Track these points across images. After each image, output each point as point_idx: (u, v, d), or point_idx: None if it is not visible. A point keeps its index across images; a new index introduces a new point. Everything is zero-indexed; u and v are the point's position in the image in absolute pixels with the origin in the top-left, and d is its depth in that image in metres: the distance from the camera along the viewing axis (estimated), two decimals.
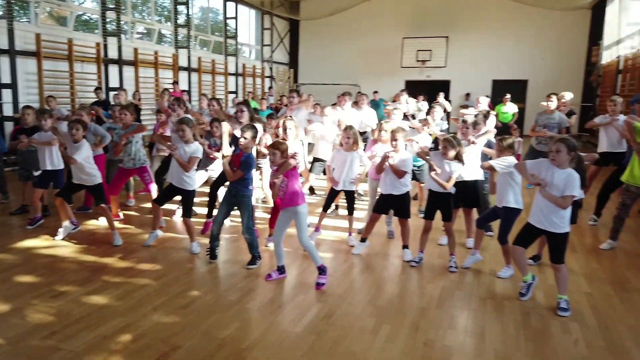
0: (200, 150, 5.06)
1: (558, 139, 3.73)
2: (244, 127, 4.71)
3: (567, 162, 3.68)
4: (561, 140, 3.70)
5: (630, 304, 3.95)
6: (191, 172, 5.00)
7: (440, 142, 4.79)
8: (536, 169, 3.78)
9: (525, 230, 3.94)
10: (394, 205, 4.97)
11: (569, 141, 3.67)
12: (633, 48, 13.10)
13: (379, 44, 20.36)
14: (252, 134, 4.58)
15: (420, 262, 4.79)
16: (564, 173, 3.67)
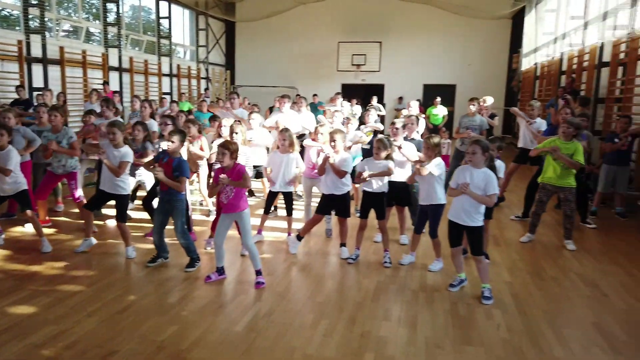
0: (131, 154, 4.93)
1: (473, 141, 4.04)
2: (170, 132, 4.68)
3: (482, 162, 3.99)
4: (475, 142, 4.01)
5: (546, 291, 4.32)
6: (124, 177, 4.88)
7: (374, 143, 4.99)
8: (461, 178, 4.06)
9: (451, 229, 4.21)
10: (336, 205, 5.10)
11: (482, 142, 4.00)
12: (548, 56, 14.16)
13: (316, 47, 20.63)
14: (180, 138, 4.56)
15: (357, 259, 4.97)
16: (481, 173, 3.98)
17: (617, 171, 6.76)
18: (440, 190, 4.64)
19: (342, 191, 5.00)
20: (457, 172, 4.16)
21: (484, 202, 3.98)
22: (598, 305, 4.01)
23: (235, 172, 4.24)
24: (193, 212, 5.98)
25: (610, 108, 8.97)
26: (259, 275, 4.32)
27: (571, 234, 5.59)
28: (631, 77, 8.24)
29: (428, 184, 4.63)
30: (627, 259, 5.20)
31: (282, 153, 5.36)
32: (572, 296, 4.21)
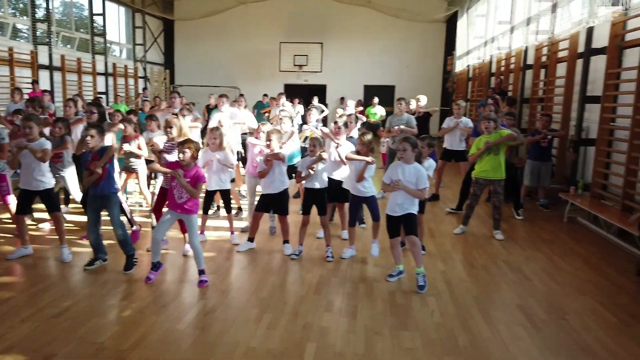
0: (49, 144, 4.77)
1: (402, 139, 4.28)
2: (88, 126, 4.59)
3: (412, 158, 4.23)
4: (405, 139, 4.25)
5: (476, 277, 4.62)
6: (44, 169, 4.73)
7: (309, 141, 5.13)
8: (393, 175, 4.26)
9: (390, 224, 4.41)
10: (273, 204, 5.19)
11: (411, 140, 4.24)
12: (479, 58, 14.92)
13: (257, 47, 20.58)
14: (97, 132, 4.47)
15: (300, 254, 5.07)
16: (412, 168, 4.22)
17: (540, 166, 7.28)
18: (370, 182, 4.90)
19: (279, 189, 5.08)
20: (390, 168, 4.37)
21: (417, 195, 4.21)
22: (522, 289, 4.34)
23: (193, 176, 4.25)
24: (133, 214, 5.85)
25: (534, 107, 9.61)
26: (202, 274, 4.32)
27: (499, 225, 5.98)
28: (552, 79, 8.88)
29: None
30: (549, 246, 5.63)
31: (212, 151, 5.36)
32: (499, 281, 4.53)
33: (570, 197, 6.89)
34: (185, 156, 4.19)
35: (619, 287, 4.40)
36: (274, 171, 5.04)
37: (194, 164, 4.29)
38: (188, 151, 4.20)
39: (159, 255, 4.38)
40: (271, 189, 5.08)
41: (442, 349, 3.27)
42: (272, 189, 5.08)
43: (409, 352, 3.22)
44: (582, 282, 4.51)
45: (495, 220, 5.99)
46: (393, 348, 3.27)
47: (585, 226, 6.49)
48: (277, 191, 5.09)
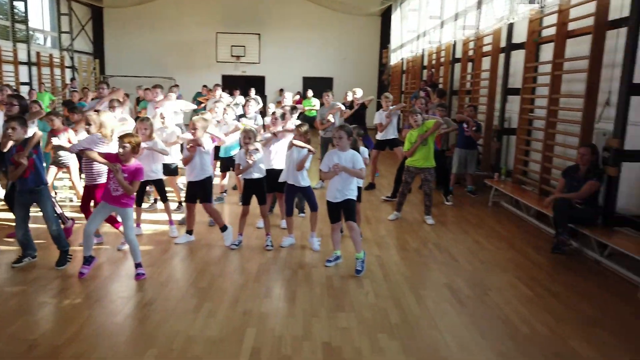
0: None
1: (338, 127, 4.44)
2: (9, 119, 4.41)
3: (348, 146, 4.40)
4: (340, 127, 4.41)
5: (408, 260, 4.87)
6: None
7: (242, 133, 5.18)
8: (330, 162, 4.41)
9: (330, 210, 4.56)
10: (198, 192, 5.17)
11: (346, 128, 4.41)
12: (412, 52, 15.43)
13: (193, 37, 20.12)
14: (19, 123, 4.27)
15: (240, 244, 5.12)
16: (348, 154, 4.38)
17: (467, 154, 7.72)
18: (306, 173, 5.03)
19: (200, 177, 5.08)
20: (326, 157, 4.51)
21: (357, 174, 4.40)
22: (449, 269, 4.64)
23: (132, 172, 4.16)
24: (63, 209, 5.65)
25: (462, 99, 10.13)
26: (139, 267, 4.27)
27: (430, 211, 6.31)
28: (478, 72, 9.39)
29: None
30: (475, 229, 6.02)
31: (143, 142, 5.27)
32: (429, 262, 4.81)
33: (495, 183, 7.37)
34: (125, 150, 4.10)
35: (536, 264, 4.81)
36: (195, 158, 5.03)
37: (133, 158, 4.21)
38: (128, 145, 4.11)
39: (91, 249, 4.29)
40: (193, 177, 5.08)
41: (376, 327, 3.46)
42: (194, 177, 5.07)
43: (345, 331, 3.38)
44: (504, 261, 4.88)
45: (426, 207, 6.32)
46: (330, 328, 3.42)
47: (508, 210, 6.97)
48: (199, 179, 5.08)
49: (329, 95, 8.11)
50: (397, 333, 3.38)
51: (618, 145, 4.86)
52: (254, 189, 5.11)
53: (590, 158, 5.02)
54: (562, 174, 5.38)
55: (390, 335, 3.35)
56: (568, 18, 6.16)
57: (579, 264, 4.84)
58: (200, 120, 5.13)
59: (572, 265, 4.79)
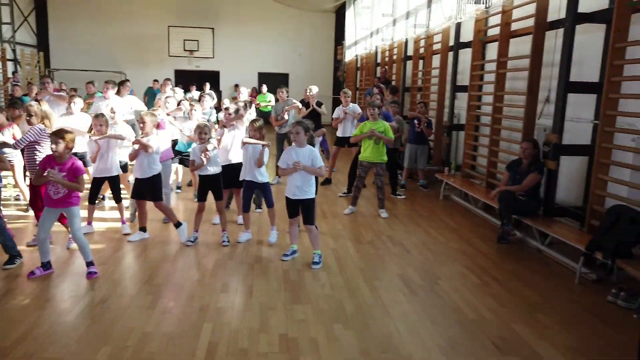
0: None
1: (295, 123, 4.49)
2: None
3: (305, 141, 4.46)
4: (297, 123, 4.47)
5: (362, 252, 5.00)
6: None
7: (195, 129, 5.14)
8: (289, 158, 4.46)
9: (289, 205, 4.61)
10: (146, 190, 5.08)
11: (303, 124, 4.46)
12: (366, 49, 15.67)
13: (144, 30, 19.59)
14: None
15: (196, 240, 5.09)
16: (306, 150, 4.44)
17: (417, 149, 7.97)
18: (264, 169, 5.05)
19: (147, 174, 5.01)
20: (284, 153, 4.56)
21: (316, 172, 4.45)
22: (402, 260, 4.80)
23: (70, 169, 4.01)
24: (6, 208, 5.43)
25: (414, 96, 10.41)
26: (90, 265, 4.18)
27: (384, 204, 6.48)
28: (428, 69, 9.68)
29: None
30: (426, 221, 6.23)
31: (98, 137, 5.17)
32: (382, 254, 4.96)
33: (445, 177, 7.64)
34: (58, 147, 3.93)
35: (483, 253, 5.04)
36: (142, 155, 4.97)
37: (68, 155, 4.05)
38: (62, 142, 3.93)
39: (49, 254, 4.17)
40: (140, 174, 5.01)
41: (331, 317, 3.55)
42: (140, 174, 5.01)
43: (301, 323, 3.45)
44: (453, 251, 5.09)
45: (379, 200, 6.48)
46: (286, 320, 3.48)
47: (458, 203, 7.25)
48: (146, 176, 5.02)
49: (283, 92, 8.15)
50: (352, 323, 3.48)
51: (557, 140, 5.16)
52: (210, 184, 5.10)
53: (531, 152, 5.31)
54: (506, 167, 5.67)
55: (346, 325, 3.45)
56: (511, 19, 6.46)
57: (522, 252, 5.12)
58: (148, 115, 5.05)
59: (516, 254, 5.06)
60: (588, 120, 5.33)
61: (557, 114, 5.22)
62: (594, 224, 4.59)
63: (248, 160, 5.04)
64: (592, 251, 4.17)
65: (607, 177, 4.63)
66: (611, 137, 4.65)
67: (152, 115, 5.12)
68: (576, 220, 5.32)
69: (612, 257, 3.92)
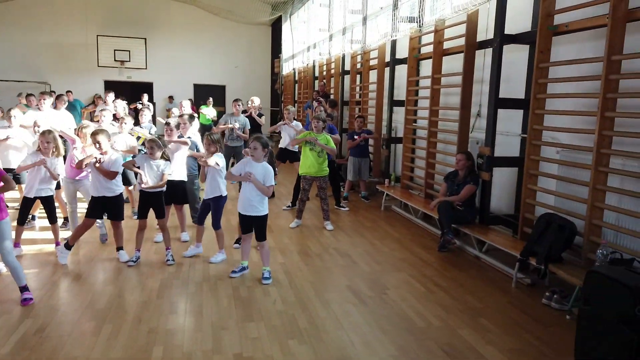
0: None
1: (254, 138, 4.47)
2: None
3: (262, 157, 4.46)
4: (256, 139, 4.45)
5: (312, 265, 5.04)
6: None
7: (147, 143, 4.99)
8: (241, 169, 4.43)
9: (241, 220, 4.57)
10: (107, 208, 4.92)
11: (262, 139, 4.45)
12: (303, 62, 15.86)
13: (70, 39, 18.69)
14: None
15: (138, 260, 4.91)
16: (260, 167, 4.43)
17: (360, 162, 8.17)
18: (222, 183, 4.96)
19: (114, 192, 4.86)
20: (239, 164, 4.53)
21: (263, 191, 4.43)
22: (350, 272, 4.89)
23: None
24: None
25: (353, 109, 10.67)
26: (24, 291, 3.92)
27: (329, 216, 6.57)
28: (366, 84, 9.96)
29: (212, 178, 4.88)
30: (370, 232, 6.39)
31: (45, 156, 4.88)
32: (331, 267, 5.02)
33: (385, 189, 7.87)
34: None
35: (426, 262, 5.24)
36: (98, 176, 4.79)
37: None
38: None
39: None
40: (105, 192, 4.81)
41: (285, 333, 3.55)
42: (106, 192, 4.81)
43: (255, 341, 3.42)
44: (398, 261, 5.26)
45: (324, 212, 6.56)
46: (240, 339, 3.44)
47: (398, 213, 7.49)
48: (112, 194, 4.84)
49: (239, 104, 8.23)
50: (306, 337, 3.50)
51: (490, 153, 5.49)
52: (152, 202, 4.94)
53: (465, 163, 5.62)
54: (444, 179, 5.94)
55: (300, 340, 3.46)
56: (443, 37, 6.81)
57: (462, 260, 5.38)
58: (100, 132, 4.81)
59: (456, 262, 5.30)
60: (517, 134, 5.73)
61: (489, 128, 5.56)
62: (527, 231, 4.93)
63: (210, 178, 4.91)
64: (526, 257, 4.47)
65: (536, 187, 5.00)
66: (538, 150, 5.03)
67: (104, 132, 4.88)
68: (508, 228, 5.68)
69: (545, 262, 4.21)
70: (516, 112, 5.68)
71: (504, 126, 5.76)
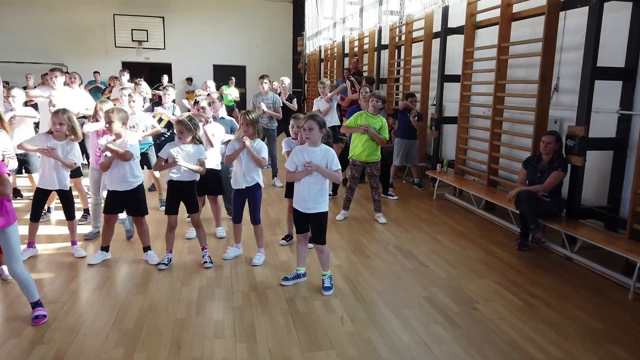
0: None
1: (308, 117, 3.62)
2: None
3: (320, 140, 3.62)
4: (311, 117, 3.60)
5: (373, 269, 4.24)
6: None
7: (175, 126, 4.20)
8: (298, 159, 3.61)
9: (297, 218, 3.76)
10: (126, 202, 4.17)
11: (319, 117, 3.62)
12: (331, 39, 14.88)
13: (86, 19, 17.96)
14: None
15: (170, 263, 4.17)
16: (319, 150, 3.60)
17: (409, 145, 7.30)
18: (259, 171, 4.17)
19: (131, 185, 4.11)
20: (294, 152, 3.70)
21: (332, 177, 3.62)
22: (422, 277, 4.07)
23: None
24: None
25: (391, 87, 9.75)
26: (37, 307, 3.20)
27: (380, 207, 5.75)
28: (408, 59, 9.00)
29: (247, 164, 4.09)
30: (429, 225, 5.56)
31: (57, 140, 4.14)
32: (397, 271, 4.20)
33: (437, 174, 7.01)
34: None
35: (508, 264, 4.40)
36: (118, 163, 4.02)
37: None
38: None
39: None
40: (119, 186, 4.06)
41: None
42: (120, 186, 4.06)
43: None
44: (474, 262, 4.42)
45: (375, 202, 5.75)
46: None
47: (455, 202, 6.63)
48: (129, 188, 4.09)
49: (266, 82, 7.24)
50: None
51: (584, 133, 4.58)
52: (183, 194, 4.16)
53: (554, 146, 4.72)
54: (523, 164, 5.05)
55: None
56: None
57: (549, 261, 4.52)
58: (115, 110, 4.05)
59: (543, 264, 4.44)
60: (612, 110, 4.79)
61: (582, 104, 4.64)
62: (637, 228, 4.05)
63: (243, 164, 4.12)
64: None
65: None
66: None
67: (121, 111, 4.11)
68: (599, 222, 4.80)
69: None
70: (608, 85, 4.74)
71: (603, 102, 4.83)
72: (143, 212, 4.24)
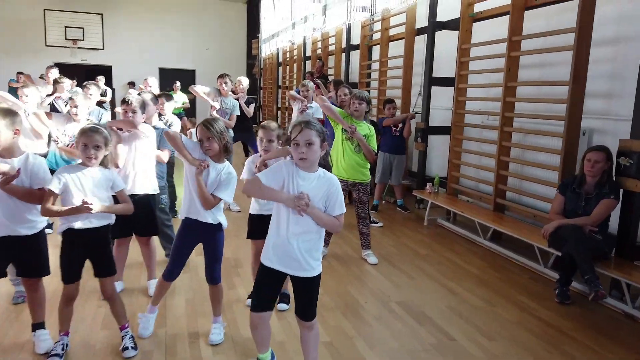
0: None
1: (303, 124, 2.20)
2: None
3: (318, 159, 2.28)
4: (307, 125, 2.19)
5: (381, 346, 2.92)
6: None
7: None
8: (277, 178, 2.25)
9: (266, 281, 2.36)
10: (14, 256, 2.67)
11: (316, 125, 2.24)
12: (290, 41, 13.62)
13: (13, 13, 15.84)
14: None
15: (66, 350, 2.68)
16: (317, 178, 2.25)
17: (393, 160, 6.10)
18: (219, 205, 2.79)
19: (30, 230, 2.62)
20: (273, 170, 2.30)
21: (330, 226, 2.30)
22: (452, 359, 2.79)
23: None
24: None
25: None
26: None
27: (369, 242, 4.47)
28: (384, 60, 7.82)
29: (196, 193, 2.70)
30: (432, 265, 4.32)
31: None
32: (415, 350, 2.90)
33: (427, 196, 5.82)
34: None
35: (557, 329, 3.20)
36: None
37: None
38: None
39: None
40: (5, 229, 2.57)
41: None
42: (6, 229, 2.57)
43: None
44: (514, 329, 3.19)
45: (363, 236, 4.46)
46: None
47: (449, 229, 5.47)
48: (26, 233, 2.60)
49: (226, 82, 5.86)
50: None
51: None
52: (90, 249, 2.68)
53: (604, 166, 3.60)
54: (559, 188, 3.88)
55: None
56: None
57: (604, 320, 3.37)
58: None
59: (598, 325, 3.29)
60: None
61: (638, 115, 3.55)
62: None
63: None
64: None
65: None
66: None
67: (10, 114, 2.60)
68: None
69: None
70: None
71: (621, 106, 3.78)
72: (40, 271, 2.74)
